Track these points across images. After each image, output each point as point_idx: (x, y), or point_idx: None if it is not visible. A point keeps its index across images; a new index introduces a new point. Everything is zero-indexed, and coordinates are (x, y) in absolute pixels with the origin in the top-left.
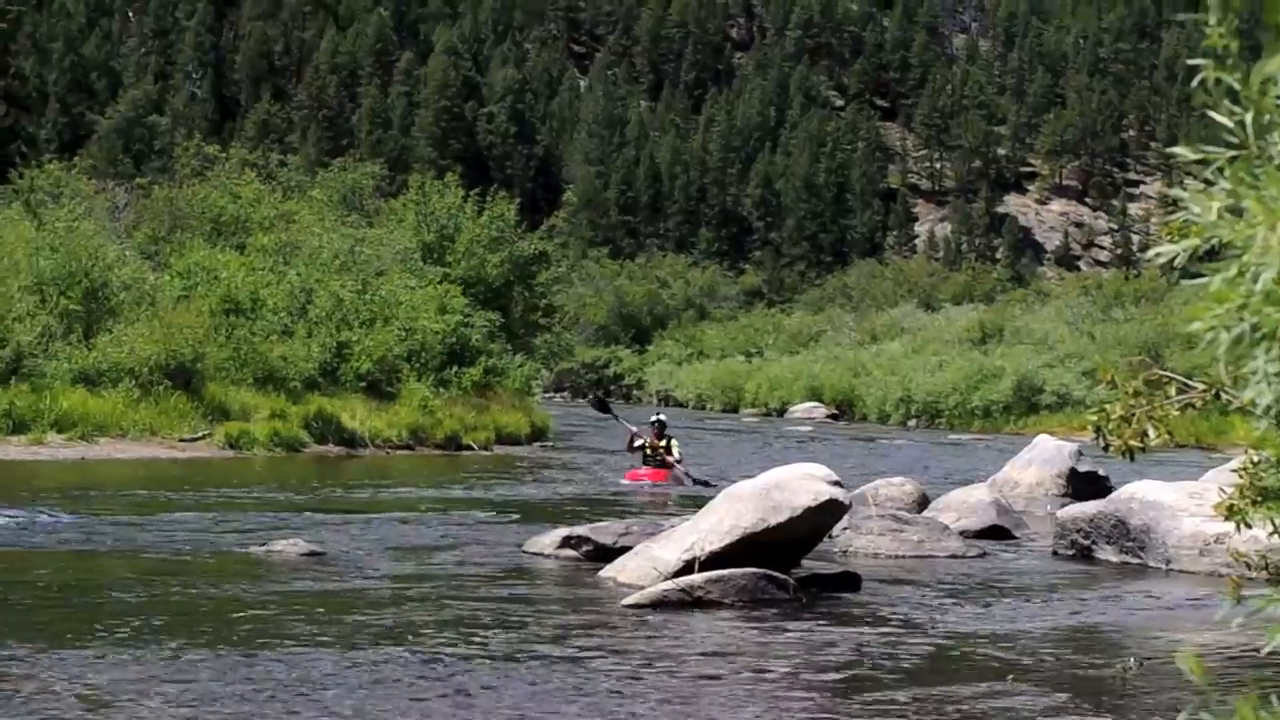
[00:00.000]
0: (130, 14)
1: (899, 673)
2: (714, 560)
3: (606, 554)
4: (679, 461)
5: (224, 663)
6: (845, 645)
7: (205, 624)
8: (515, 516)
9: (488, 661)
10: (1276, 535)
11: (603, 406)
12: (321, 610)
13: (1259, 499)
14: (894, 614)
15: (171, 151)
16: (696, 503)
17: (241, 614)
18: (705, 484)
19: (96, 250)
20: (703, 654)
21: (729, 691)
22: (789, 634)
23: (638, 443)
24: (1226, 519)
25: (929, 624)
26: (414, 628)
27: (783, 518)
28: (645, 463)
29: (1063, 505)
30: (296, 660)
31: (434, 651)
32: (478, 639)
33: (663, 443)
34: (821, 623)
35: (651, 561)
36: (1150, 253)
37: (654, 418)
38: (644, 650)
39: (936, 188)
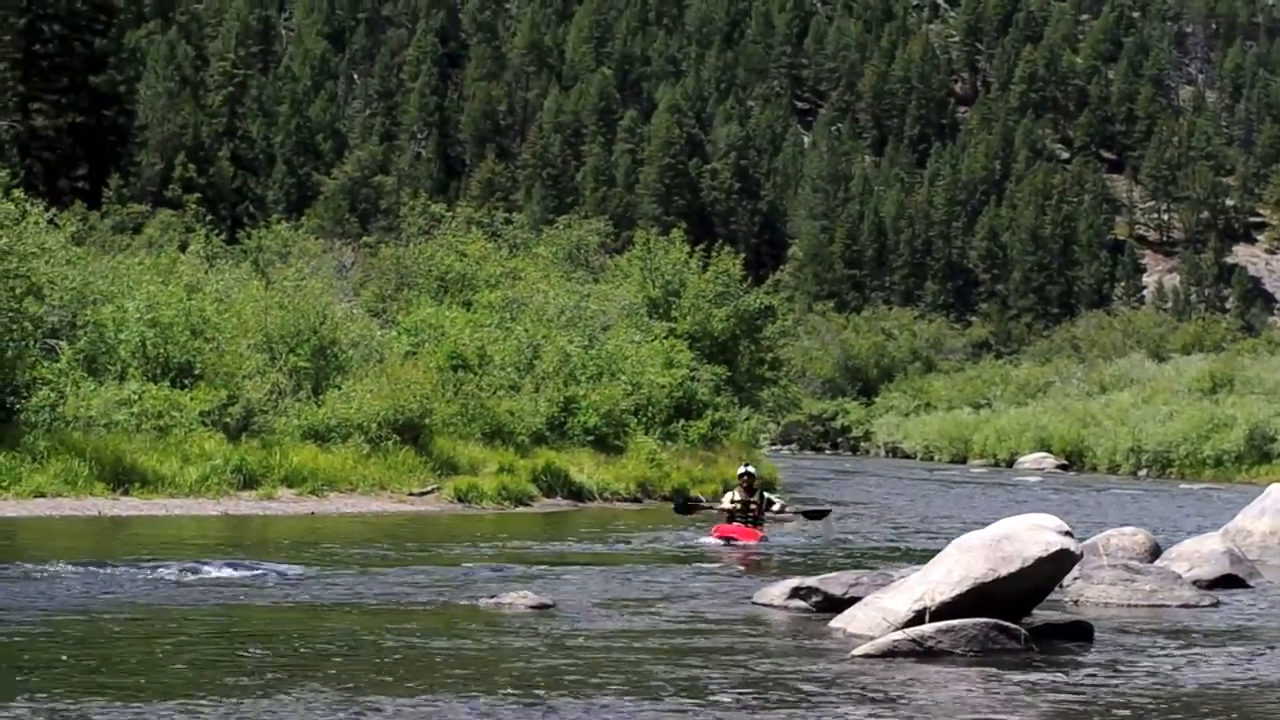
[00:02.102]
0: (355, 76)
1: None
2: (944, 610)
3: (836, 605)
4: (781, 510)
5: (456, 714)
6: (1078, 695)
7: (435, 677)
8: (743, 567)
9: (718, 713)
10: None
11: (685, 508)
12: (550, 662)
13: None
14: (1127, 664)
15: (397, 211)
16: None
17: (470, 666)
18: (819, 513)
19: (324, 308)
20: (934, 704)
21: None
22: (1021, 684)
23: (724, 501)
24: None
25: (1162, 674)
26: (644, 678)
27: (1013, 568)
28: (734, 519)
29: None
30: (525, 711)
31: (664, 702)
32: (707, 690)
33: (754, 498)
34: (1054, 673)
35: (881, 612)
36: None
37: (742, 469)
38: (875, 701)
39: (1164, 239)
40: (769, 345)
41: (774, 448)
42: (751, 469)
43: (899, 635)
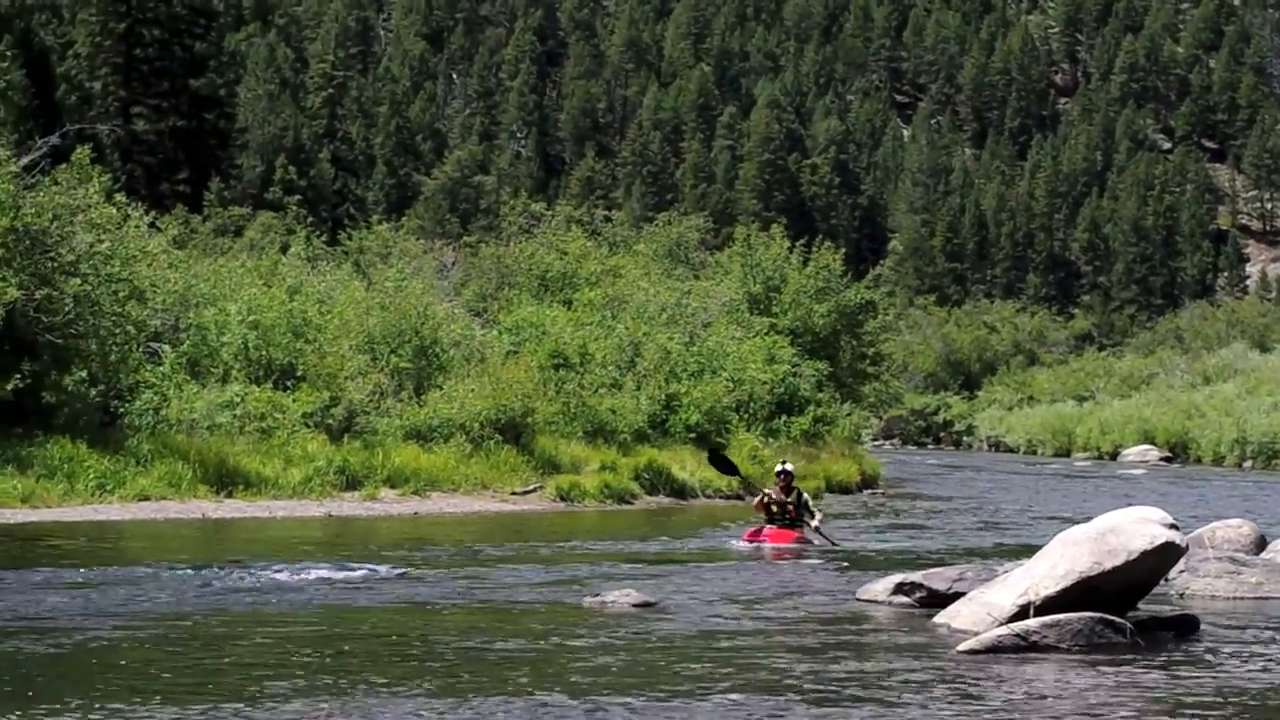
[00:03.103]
0: (455, 76)
1: (1240, 717)
2: (1049, 605)
3: (940, 600)
4: (817, 521)
5: (560, 712)
6: (1185, 690)
7: (540, 675)
8: (846, 564)
9: (822, 709)
10: None
11: (724, 464)
12: (654, 660)
13: None
14: (1234, 657)
15: (497, 210)
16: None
17: (575, 665)
18: (832, 544)
19: (425, 308)
20: (1039, 699)
21: None
22: (1127, 679)
23: (755, 502)
24: None
25: (1269, 667)
26: (747, 675)
27: (1118, 561)
28: (770, 521)
29: None
30: (630, 709)
31: (767, 699)
32: (811, 686)
33: (790, 498)
34: (1160, 667)
35: (985, 607)
36: None
37: (779, 468)
38: (980, 697)
39: (1268, 228)
40: (870, 340)
41: (876, 443)
42: (790, 467)
43: (1003, 630)
